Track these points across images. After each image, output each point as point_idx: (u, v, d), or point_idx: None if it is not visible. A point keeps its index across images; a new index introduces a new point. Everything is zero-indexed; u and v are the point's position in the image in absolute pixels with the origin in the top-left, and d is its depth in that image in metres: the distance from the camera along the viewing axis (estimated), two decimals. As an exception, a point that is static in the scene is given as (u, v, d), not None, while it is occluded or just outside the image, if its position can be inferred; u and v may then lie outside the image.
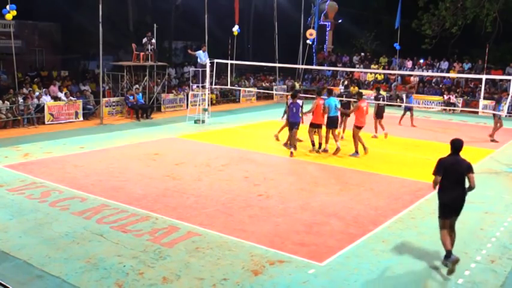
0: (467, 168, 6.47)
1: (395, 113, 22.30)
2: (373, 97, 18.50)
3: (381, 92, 19.77)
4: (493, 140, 16.01)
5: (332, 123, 13.45)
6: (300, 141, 14.20)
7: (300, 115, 13.40)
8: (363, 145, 13.21)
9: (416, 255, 6.93)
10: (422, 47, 27.67)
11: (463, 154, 6.60)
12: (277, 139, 14.78)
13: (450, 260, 6.32)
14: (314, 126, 13.47)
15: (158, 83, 21.65)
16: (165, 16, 31.58)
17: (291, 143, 13.24)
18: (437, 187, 6.61)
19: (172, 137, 15.44)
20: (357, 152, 13.13)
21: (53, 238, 7.17)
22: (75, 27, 27.40)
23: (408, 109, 18.70)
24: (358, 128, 13.04)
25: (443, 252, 6.57)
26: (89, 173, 10.66)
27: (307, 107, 13.92)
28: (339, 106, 13.71)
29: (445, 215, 6.58)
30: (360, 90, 17.10)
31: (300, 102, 13.21)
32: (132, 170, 11.04)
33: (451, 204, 6.56)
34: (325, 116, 13.42)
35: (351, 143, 13.46)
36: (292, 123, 13.25)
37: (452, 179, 6.48)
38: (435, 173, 6.55)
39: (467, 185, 6.48)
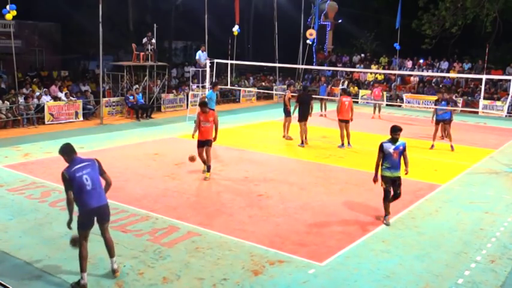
0: None
1: (395, 112, 22.31)
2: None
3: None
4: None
5: None
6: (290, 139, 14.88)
7: None
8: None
9: (416, 255, 6.92)
10: (422, 47, 27.66)
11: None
12: (290, 138, 15.11)
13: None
14: (342, 122, 14.10)
15: (158, 84, 21.64)
16: (165, 16, 31.63)
17: None
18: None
19: (172, 137, 15.44)
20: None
21: (53, 238, 7.18)
22: (75, 27, 27.42)
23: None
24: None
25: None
26: (89, 173, 10.64)
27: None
28: (214, 98, 14.51)
29: None
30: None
31: None
32: (132, 170, 11.04)
33: None
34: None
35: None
36: None
37: None
38: None
39: None
